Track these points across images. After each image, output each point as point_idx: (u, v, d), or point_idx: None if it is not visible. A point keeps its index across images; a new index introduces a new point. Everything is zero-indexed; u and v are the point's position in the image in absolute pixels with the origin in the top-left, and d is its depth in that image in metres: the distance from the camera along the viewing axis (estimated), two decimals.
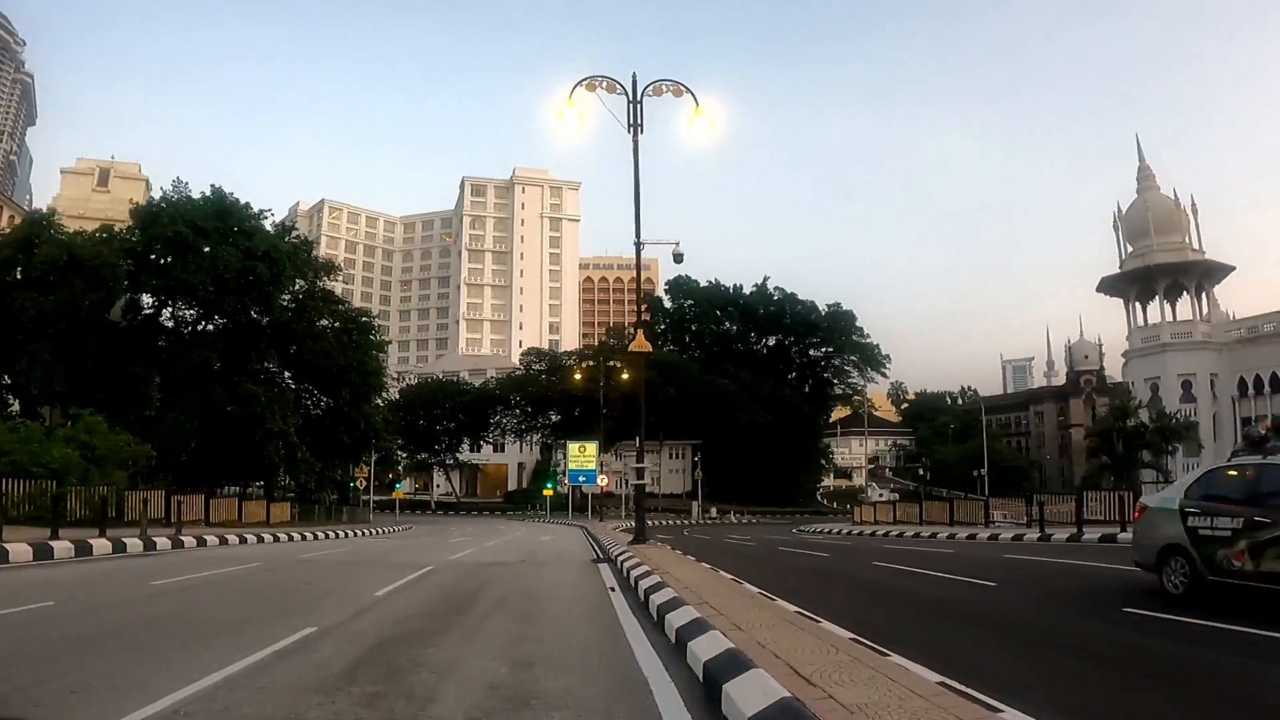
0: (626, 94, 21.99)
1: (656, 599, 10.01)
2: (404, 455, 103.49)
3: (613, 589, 13.35)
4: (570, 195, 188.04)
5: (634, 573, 13.86)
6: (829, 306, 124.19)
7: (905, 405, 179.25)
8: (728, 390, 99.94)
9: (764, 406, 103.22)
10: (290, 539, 33.49)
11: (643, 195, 21.91)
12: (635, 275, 21.72)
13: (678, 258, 22.03)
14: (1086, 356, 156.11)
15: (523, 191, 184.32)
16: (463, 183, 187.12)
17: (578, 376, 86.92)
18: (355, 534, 42.06)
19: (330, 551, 25.98)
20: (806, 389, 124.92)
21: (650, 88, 22.04)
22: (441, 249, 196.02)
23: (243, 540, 29.54)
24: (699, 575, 13.25)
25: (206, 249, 48.16)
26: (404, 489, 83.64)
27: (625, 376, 74.66)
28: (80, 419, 35.39)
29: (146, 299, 51.48)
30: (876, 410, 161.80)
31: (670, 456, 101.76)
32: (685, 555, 19.17)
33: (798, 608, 9.57)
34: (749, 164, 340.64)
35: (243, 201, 52.08)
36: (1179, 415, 59.66)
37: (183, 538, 25.89)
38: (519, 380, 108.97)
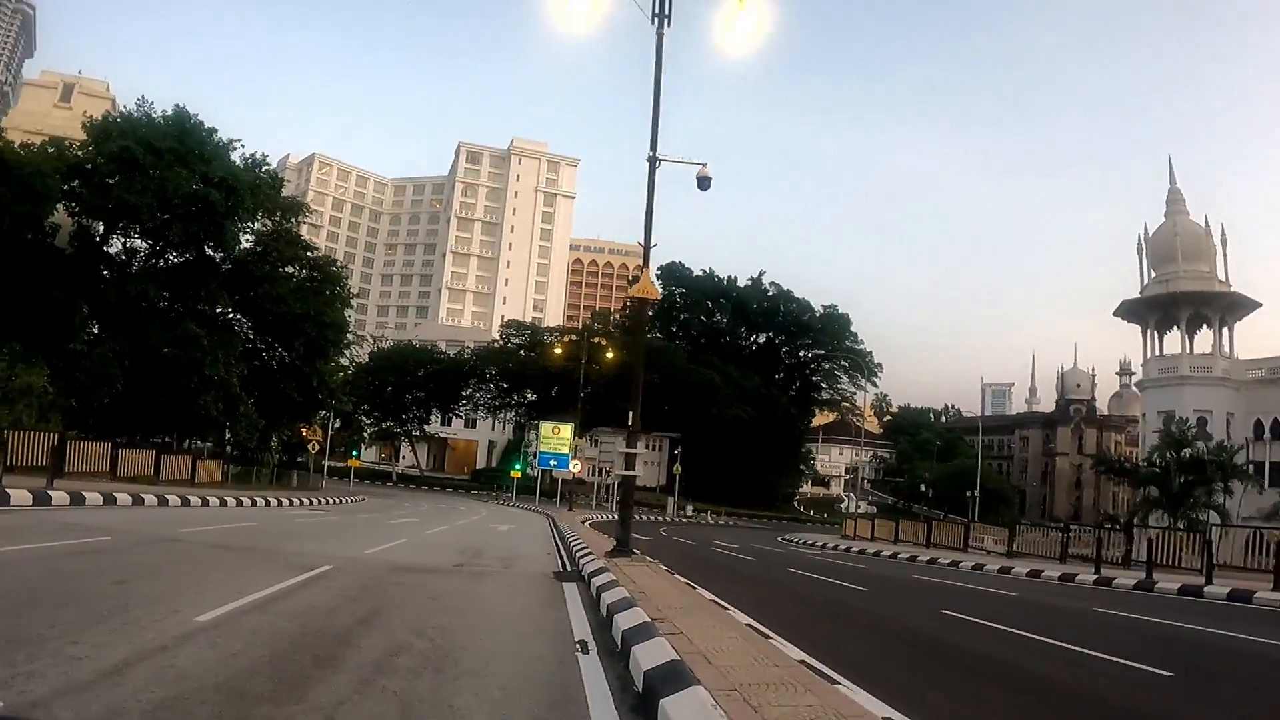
0: None
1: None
2: (368, 421, 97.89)
3: (583, 645, 8.11)
4: (568, 171, 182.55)
5: (621, 619, 8.52)
6: (824, 308, 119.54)
7: (888, 418, 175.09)
8: (713, 382, 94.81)
9: (749, 403, 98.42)
10: (204, 503, 28.18)
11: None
12: (647, 203, 16.63)
13: (703, 182, 17.08)
14: (1079, 385, 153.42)
15: (519, 163, 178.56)
16: (458, 148, 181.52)
17: (558, 351, 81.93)
18: (284, 503, 36.65)
19: (221, 526, 20.70)
20: (793, 391, 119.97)
21: None
22: (430, 215, 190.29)
23: (138, 501, 24.41)
24: (735, 640, 8.01)
25: (155, 171, 42.49)
26: (360, 458, 77.19)
27: (609, 355, 69.76)
28: None
29: (99, 226, 45.79)
30: (860, 420, 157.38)
31: (647, 448, 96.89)
32: (689, 584, 14.03)
33: None
34: (742, 167, 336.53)
35: (209, 125, 46.58)
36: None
37: (52, 492, 20.79)
38: (496, 353, 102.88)
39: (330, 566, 13.17)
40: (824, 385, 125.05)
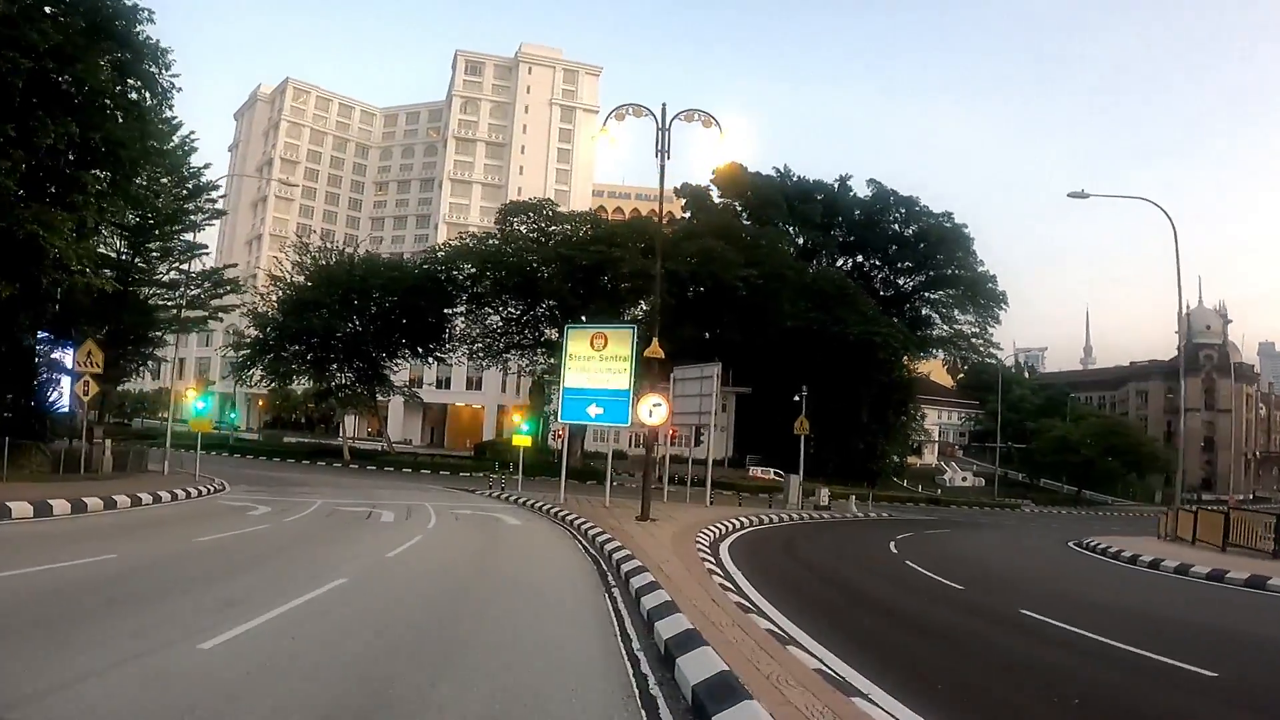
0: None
1: None
2: (299, 366, 62.07)
3: None
4: (588, 81, 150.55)
5: None
6: (939, 217, 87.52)
7: (961, 376, 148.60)
8: (847, 287, 62.27)
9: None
10: None
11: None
12: None
13: None
14: (1209, 327, 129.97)
15: (529, 73, 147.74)
16: (455, 59, 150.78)
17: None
18: None
19: None
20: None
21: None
22: (427, 146, 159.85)
23: None
24: None
25: None
26: (255, 422, 39.50)
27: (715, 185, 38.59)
28: None
29: None
30: (930, 376, 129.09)
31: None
32: None
33: None
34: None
35: None
36: None
37: None
38: (492, 253, 62.89)
39: None
40: (935, 317, 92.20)
